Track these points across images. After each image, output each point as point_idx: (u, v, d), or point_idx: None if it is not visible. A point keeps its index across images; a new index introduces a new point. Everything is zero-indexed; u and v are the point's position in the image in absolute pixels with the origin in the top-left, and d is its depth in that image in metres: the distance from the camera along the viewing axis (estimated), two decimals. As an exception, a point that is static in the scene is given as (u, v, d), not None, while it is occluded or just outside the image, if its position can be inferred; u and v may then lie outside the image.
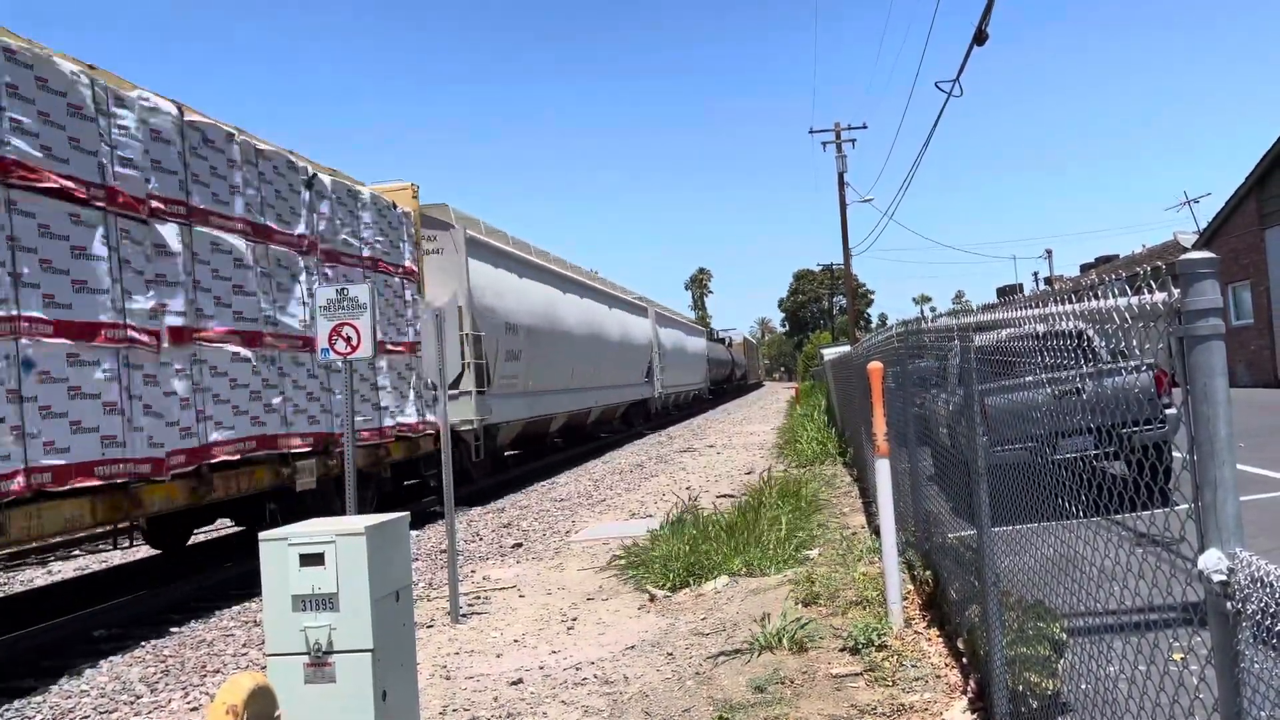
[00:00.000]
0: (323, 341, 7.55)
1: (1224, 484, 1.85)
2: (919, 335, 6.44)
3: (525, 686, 6.01)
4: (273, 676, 4.06)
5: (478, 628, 7.64)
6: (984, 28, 12.86)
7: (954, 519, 5.72)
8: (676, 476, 17.80)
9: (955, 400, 5.24)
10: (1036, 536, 3.61)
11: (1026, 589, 3.88)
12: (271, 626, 4.21)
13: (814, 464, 17.01)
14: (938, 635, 5.98)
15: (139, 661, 7.60)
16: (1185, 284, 1.94)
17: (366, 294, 7.52)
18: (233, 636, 8.23)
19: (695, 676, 5.83)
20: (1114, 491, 2.65)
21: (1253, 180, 26.08)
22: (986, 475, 4.30)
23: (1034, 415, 3.60)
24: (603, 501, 15.27)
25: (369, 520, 4.37)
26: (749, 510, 10.56)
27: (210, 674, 7.13)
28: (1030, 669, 3.74)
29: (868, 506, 10.85)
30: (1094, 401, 2.88)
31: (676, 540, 9.38)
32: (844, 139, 40.17)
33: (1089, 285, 2.67)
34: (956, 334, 4.66)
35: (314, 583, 4.17)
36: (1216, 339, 1.91)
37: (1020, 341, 3.54)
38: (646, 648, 6.64)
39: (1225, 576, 1.74)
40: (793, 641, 6.06)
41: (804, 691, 5.31)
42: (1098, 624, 2.89)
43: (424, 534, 13.16)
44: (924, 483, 7.00)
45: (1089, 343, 2.91)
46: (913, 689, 5.11)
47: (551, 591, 8.79)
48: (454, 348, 8.31)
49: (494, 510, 15.27)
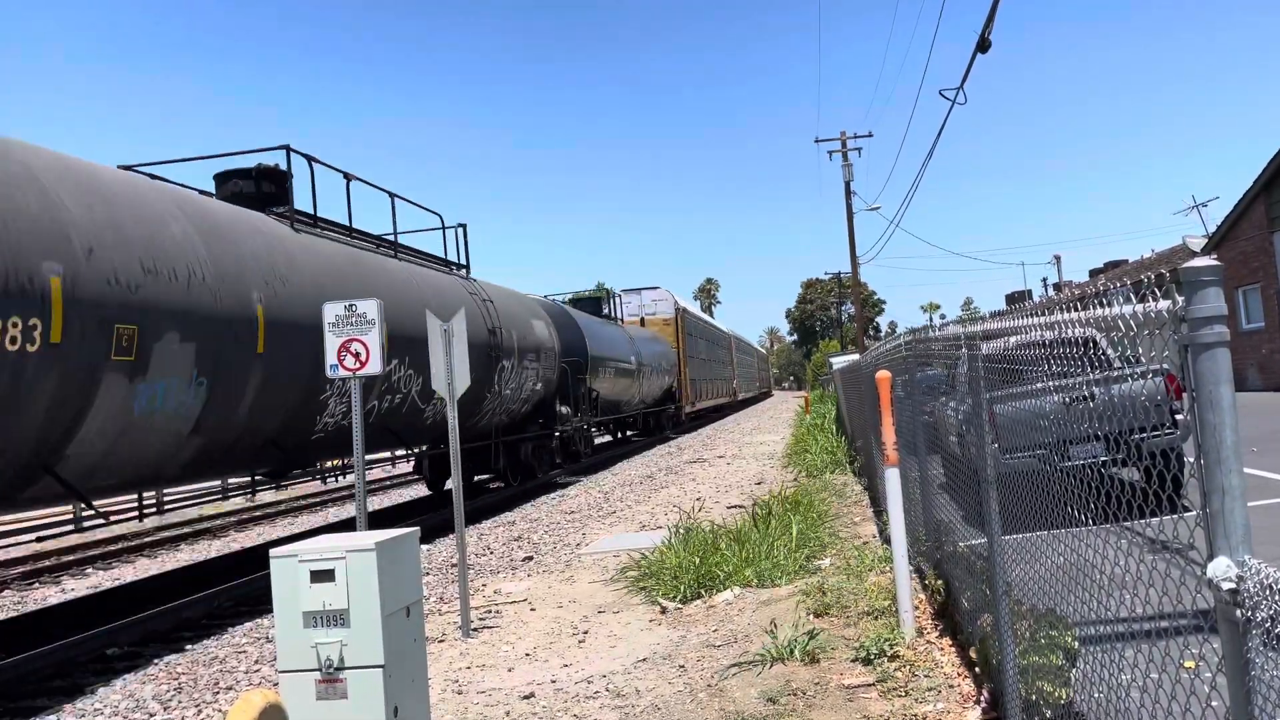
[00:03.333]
0: (331, 357, 7.57)
1: (1231, 491, 1.84)
2: (927, 343, 6.43)
3: (537, 700, 6.00)
4: (285, 693, 4.07)
5: (489, 642, 7.63)
6: (987, 35, 12.87)
7: (964, 527, 5.71)
8: (686, 488, 17.77)
9: (964, 408, 5.24)
10: (1047, 544, 3.60)
11: (1038, 597, 3.86)
12: (283, 643, 4.22)
13: (824, 473, 16.98)
14: (950, 645, 5.95)
15: (152, 679, 7.62)
16: (1189, 291, 1.94)
17: (375, 310, 7.54)
18: (245, 653, 8.24)
19: (707, 689, 5.81)
20: (1124, 499, 2.65)
21: (1261, 184, 25.99)
22: (996, 483, 4.29)
23: (1043, 423, 3.59)
24: (613, 513, 15.25)
25: (379, 536, 4.39)
26: (759, 521, 10.54)
27: (223, 691, 7.14)
28: (1043, 678, 3.72)
29: (878, 516, 10.81)
30: (1104, 408, 2.88)
31: (687, 552, 9.37)
32: (850, 148, 40.30)
33: (1095, 293, 2.67)
34: (964, 342, 4.66)
35: (325, 599, 4.18)
36: (1221, 346, 1.90)
37: (1029, 349, 3.54)
38: (658, 660, 6.63)
39: (1234, 584, 1.74)
40: (804, 652, 6.04)
41: (816, 703, 5.29)
42: (1110, 632, 2.88)
43: (434, 548, 13.16)
44: (934, 491, 6.98)
45: (1098, 349, 2.91)
46: (926, 699, 5.09)
47: (563, 604, 8.78)
48: (462, 362, 8.29)
49: (504, 523, 15.27)
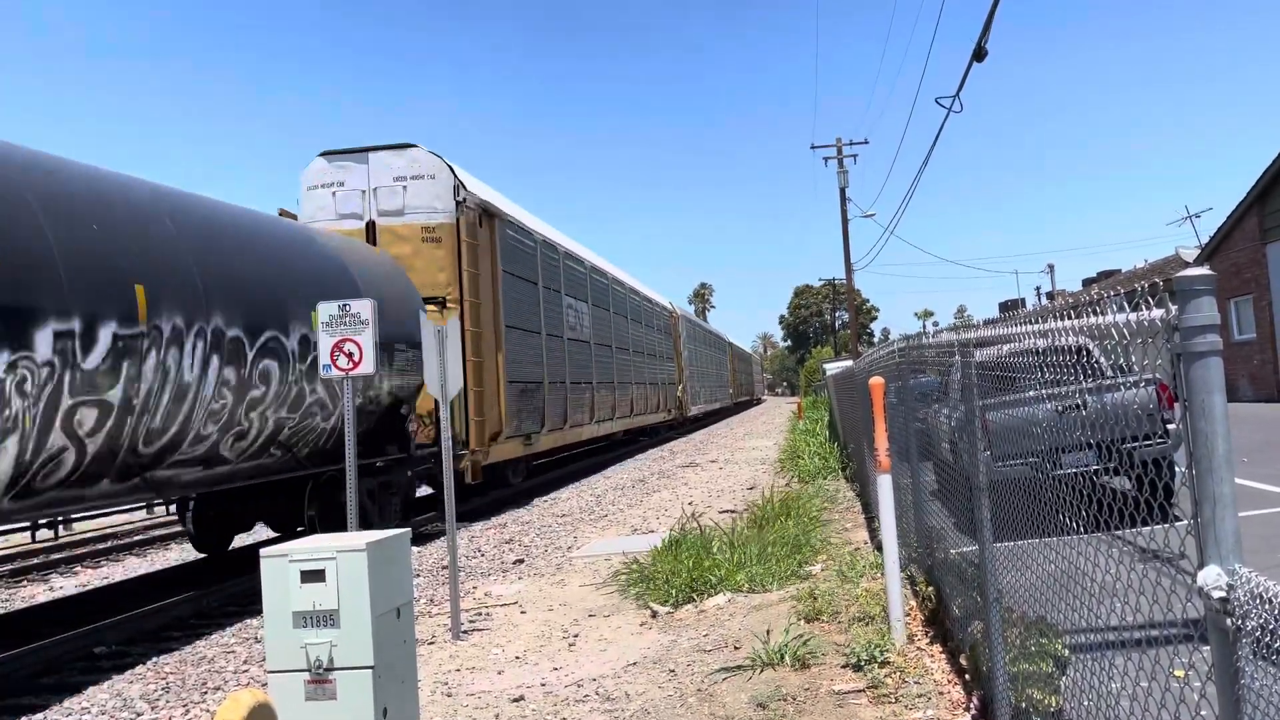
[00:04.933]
0: (324, 358, 7.55)
1: (1222, 500, 1.85)
2: (920, 350, 6.45)
3: (527, 704, 5.99)
4: (274, 693, 4.05)
5: (479, 644, 7.62)
6: (983, 44, 12.92)
7: (956, 534, 5.71)
8: (679, 492, 17.76)
9: (957, 415, 5.25)
10: (1038, 552, 3.61)
11: (1029, 605, 3.87)
12: (272, 643, 4.21)
13: (816, 479, 16.99)
14: (940, 651, 5.96)
15: (140, 679, 7.58)
16: (1183, 301, 1.95)
17: (369, 310, 7.53)
18: (234, 653, 8.21)
19: (697, 693, 5.80)
20: (1116, 507, 2.65)
21: (1254, 195, 26.12)
22: (988, 490, 4.30)
23: (1035, 431, 3.60)
24: (605, 517, 15.24)
25: (370, 536, 4.38)
26: (751, 526, 10.54)
27: (211, 691, 7.12)
28: (1033, 685, 3.73)
29: (870, 522, 10.82)
30: (1096, 417, 2.88)
31: (679, 556, 9.36)
32: (845, 154, 40.34)
33: (1088, 301, 2.68)
34: (958, 349, 4.67)
35: (315, 599, 4.17)
36: (1214, 355, 1.91)
37: (1021, 357, 3.54)
38: (648, 664, 6.62)
39: (1224, 593, 1.74)
40: (795, 658, 6.04)
41: (806, 708, 5.29)
42: (1100, 640, 2.89)
43: (425, 550, 13.13)
44: (926, 498, 6.99)
45: (1090, 358, 2.92)
46: (916, 706, 5.09)
47: (553, 608, 8.76)
48: (456, 364, 8.28)
49: (496, 526, 15.24)
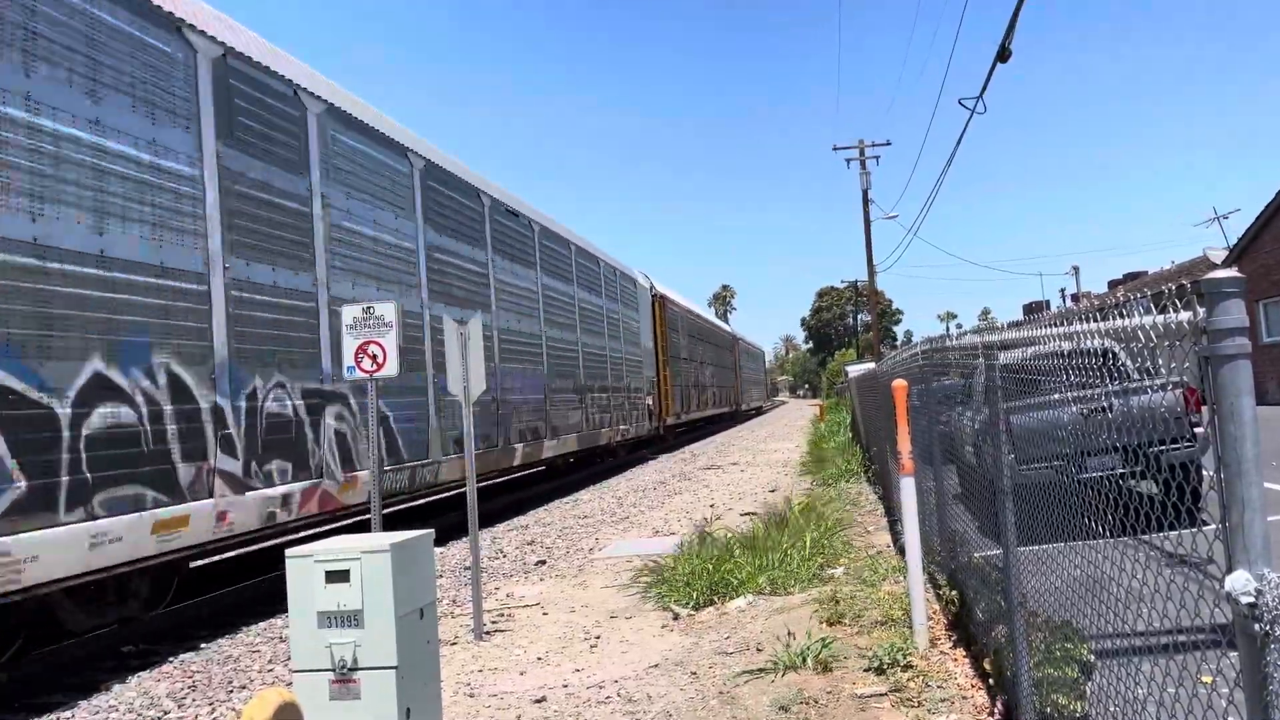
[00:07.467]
0: (348, 359, 7.60)
1: (1251, 504, 1.83)
2: (944, 353, 6.42)
3: (549, 705, 6.01)
4: (299, 693, 4.08)
5: (501, 645, 7.64)
6: (1007, 45, 12.85)
7: (980, 538, 5.68)
8: (700, 494, 17.75)
9: (980, 418, 5.22)
10: (1063, 556, 3.58)
11: (1054, 609, 3.84)
12: (297, 643, 4.24)
13: (838, 481, 16.93)
14: (964, 656, 5.92)
15: (166, 677, 7.66)
16: (1211, 303, 1.93)
17: (393, 312, 7.56)
18: (259, 652, 8.28)
19: (719, 696, 5.80)
20: (1141, 511, 2.63)
21: (1283, 196, 25.82)
22: (1012, 494, 4.28)
23: (1060, 434, 3.57)
24: (626, 519, 15.25)
25: (394, 537, 4.40)
26: (772, 528, 10.51)
27: (237, 690, 7.18)
28: (1058, 691, 3.70)
29: (892, 525, 10.77)
30: (1121, 420, 2.86)
31: (700, 558, 9.35)
32: (868, 156, 40.20)
33: (1114, 304, 2.66)
34: (981, 352, 4.65)
35: (339, 599, 4.20)
36: (1243, 358, 1.90)
37: (1046, 360, 3.52)
38: (670, 666, 6.62)
39: (1253, 598, 1.73)
40: (817, 661, 6.02)
41: (828, 712, 5.27)
42: (1126, 646, 2.86)
43: (448, 551, 13.19)
44: (949, 501, 6.95)
45: (1116, 361, 2.90)
46: (939, 710, 5.07)
47: (575, 609, 8.78)
48: (478, 364, 8.29)
49: (518, 527, 15.28)
